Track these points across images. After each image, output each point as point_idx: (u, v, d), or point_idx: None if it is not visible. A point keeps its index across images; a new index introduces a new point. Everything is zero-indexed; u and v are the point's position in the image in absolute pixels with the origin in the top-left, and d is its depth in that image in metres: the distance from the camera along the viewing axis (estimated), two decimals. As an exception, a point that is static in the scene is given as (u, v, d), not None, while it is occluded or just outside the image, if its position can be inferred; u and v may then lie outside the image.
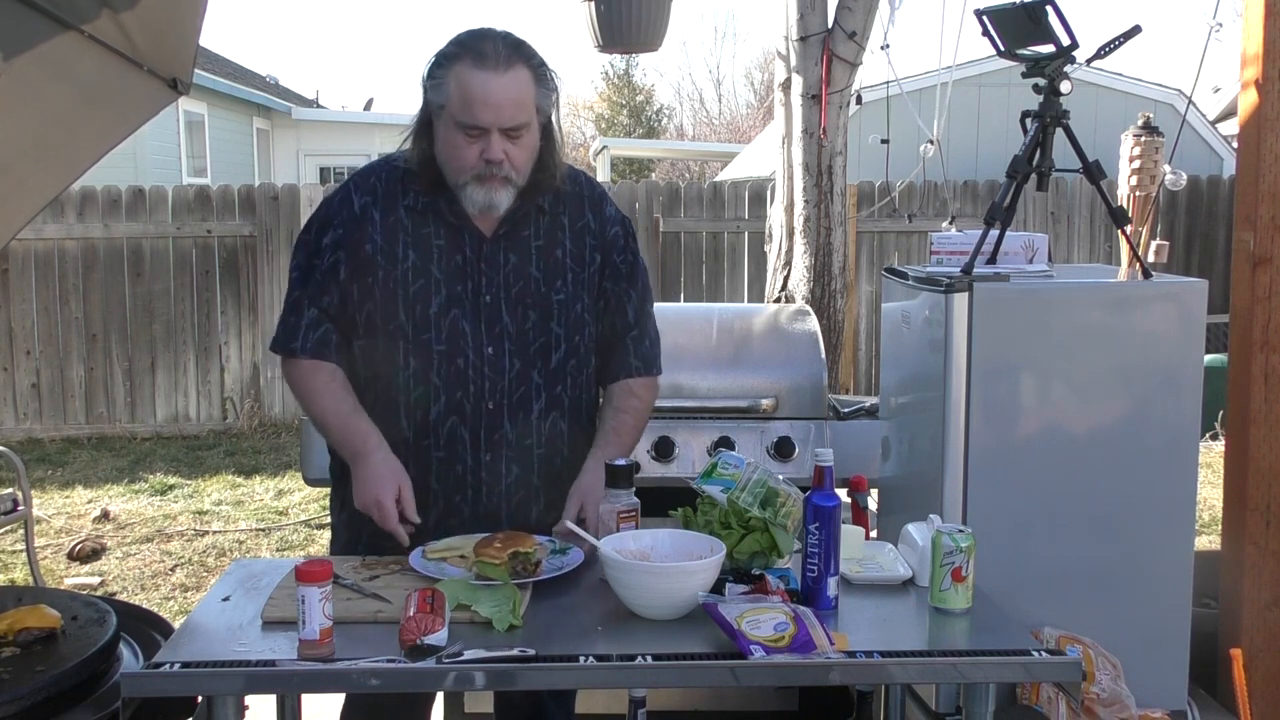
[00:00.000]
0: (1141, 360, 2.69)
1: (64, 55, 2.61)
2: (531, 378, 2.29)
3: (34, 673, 1.98)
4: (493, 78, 2.12)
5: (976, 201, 8.40)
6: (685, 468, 3.14)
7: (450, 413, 2.26)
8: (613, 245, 2.36)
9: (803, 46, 4.36)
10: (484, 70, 2.12)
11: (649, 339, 2.42)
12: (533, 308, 2.28)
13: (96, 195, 8.07)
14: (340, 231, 2.27)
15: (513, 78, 2.13)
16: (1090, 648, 2.56)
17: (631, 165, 25.70)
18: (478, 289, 2.26)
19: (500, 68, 2.12)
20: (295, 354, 2.28)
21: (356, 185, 2.32)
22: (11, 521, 4.07)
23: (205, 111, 14.01)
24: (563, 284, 2.30)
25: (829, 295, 4.44)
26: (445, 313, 2.25)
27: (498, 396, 2.27)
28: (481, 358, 2.25)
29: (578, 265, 2.32)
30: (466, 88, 2.12)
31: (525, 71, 2.16)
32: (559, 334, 2.30)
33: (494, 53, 2.13)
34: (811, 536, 1.97)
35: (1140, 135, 3.74)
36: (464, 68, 2.13)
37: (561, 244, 2.31)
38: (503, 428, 2.28)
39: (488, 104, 2.12)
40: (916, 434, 2.96)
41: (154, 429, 8.23)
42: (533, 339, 2.28)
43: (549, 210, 2.31)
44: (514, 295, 2.27)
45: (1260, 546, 2.95)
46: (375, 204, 2.27)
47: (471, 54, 2.13)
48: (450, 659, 1.74)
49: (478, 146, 2.15)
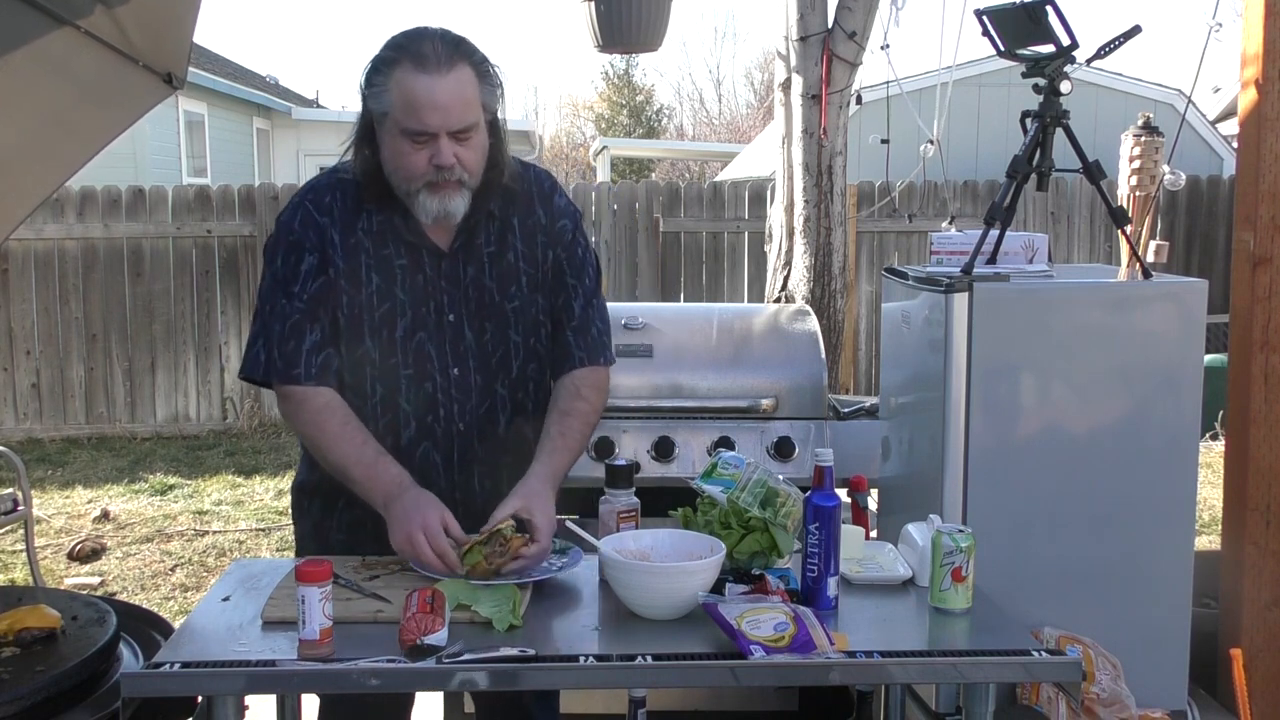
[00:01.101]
0: (1141, 360, 2.69)
1: (59, 51, 2.61)
2: (495, 391, 2.24)
3: (34, 673, 1.98)
4: (437, 80, 2.03)
5: (976, 201, 8.40)
6: (685, 468, 3.14)
7: (422, 437, 2.22)
8: (559, 239, 2.28)
9: (803, 46, 4.36)
10: (426, 73, 2.03)
11: (595, 328, 2.31)
12: (489, 319, 2.22)
13: (96, 195, 8.07)
14: (316, 257, 2.17)
15: (456, 78, 2.05)
16: (1090, 648, 2.56)
17: (631, 165, 25.71)
18: (440, 308, 2.20)
19: (443, 68, 2.03)
20: (299, 381, 2.15)
21: (315, 205, 2.20)
22: (11, 521, 4.07)
23: (205, 111, 14.01)
24: (516, 289, 2.24)
25: (829, 295, 4.44)
26: (411, 336, 2.19)
27: (467, 418, 2.22)
28: (449, 379, 2.21)
29: (530, 266, 2.25)
30: (410, 92, 2.03)
31: (468, 70, 2.07)
32: (517, 342, 2.25)
33: (434, 53, 2.04)
34: (811, 536, 1.97)
35: (1140, 135, 3.75)
36: (405, 72, 2.04)
37: (513, 247, 2.24)
38: (474, 447, 2.24)
39: (434, 107, 2.03)
40: (916, 434, 2.96)
41: (154, 429, 8.23)
42: (492, 350, 2.23)
43: (499, 214, 2.23)
44: (473, 310, 2.21)
45: (1260, 546, 2.95)
46: (334, 225, 2.18)
47: (411, 57, 2.04)
48: (450, 659, 1.74)
49: (426, 152, 2.06)
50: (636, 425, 3.20)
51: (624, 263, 8.44)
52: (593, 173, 21.61)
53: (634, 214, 8.45)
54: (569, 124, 33.65)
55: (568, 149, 30.84)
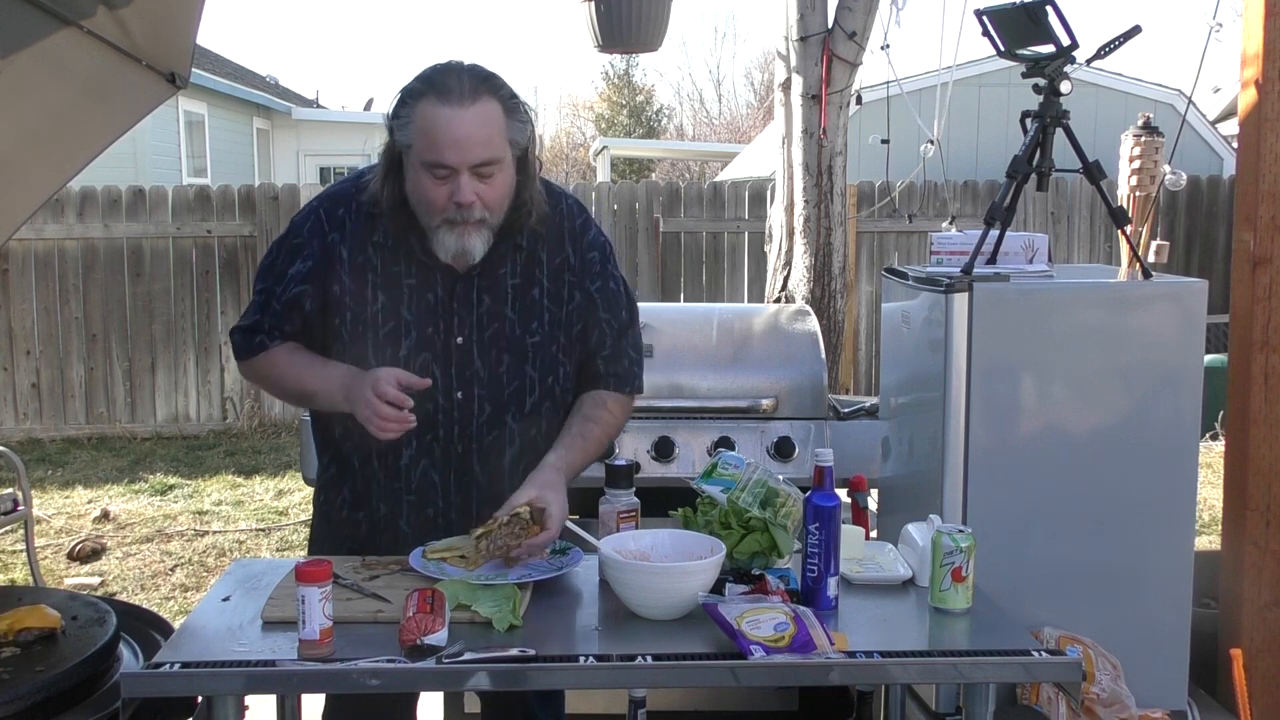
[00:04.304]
0: (1141, 360, 2.69)
1: (62, 51, 2.61)
2: (505, 422, 2.22)
3: (34, 673, 1.98)
4: (458, 113, 2.00)
5: (976, 201, 8.40)
6: (685, 468, 3.14)
7: (421, 456, 2.21)
8: (587, 271, 2.25)
9: (803, 46, 4.36)
10: (448, 106, 2.00)
11: (628, 358, 2.30)
12: (507, 350, 2.19)
13: (96, 195, 8.07)
14: (309, 264, 2.18)
15: (479, 112, 2.01)
16: (1090, 648, 2.56)
17: (631, 165, 25.71)
18: (449, 330, 2.18)
19: (466, 102, 2.00)
20: (265, 347, 2.23)
21: (328, 215, 2.21)
22: (11, 521, 4.07)
23: (205, 111, 14.01)
24: (539, 325, 2.21)
25: (829, 295, 4.44)
26: (415, 355, 2.17)
27: (467, 441, 2.21)
28: (451, 402, 2.18)
29: (555, 304, 2.22)
30: (431, 125, 2.01)
31: (494, 104, 2.04)
32: (533, 377, 2.22)
33: (458, 87, 2.01)
34: (811, 536, 1.97)
35: (1140, 135, 3.74)
36: (427, 105, 2.01)
37: (539, 283, 2.21)
38: (473, 470, 2.22)
39: (454, 142, 2.00)
40: (916, 434, 2.96)
41: (154, 429, 8.23)
42: (507, 382, 2.20)
43: (526, 246, 2.20)
44: (488, 338, 2.18)
45: (1260, 546, 2.95)
46: (343, 240, 2.18)
47: (435, 90, 2.02)
48: (450, 659, 1.74)
49: (446, 188, 2.03)
50: (636, 425, 3.20)
51: (624, 263, 8.43)
52: (593, 173, 21.61)
53: (634, 214, 8.45)
54: (569, 124, 33.67)
55: (568, 149, 30.83)
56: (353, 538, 2.29)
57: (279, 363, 2.24)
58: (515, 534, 2.00)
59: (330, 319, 2.19)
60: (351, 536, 2.29)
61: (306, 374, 2.22)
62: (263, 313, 2.23)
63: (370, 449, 2.19)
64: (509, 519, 2.01)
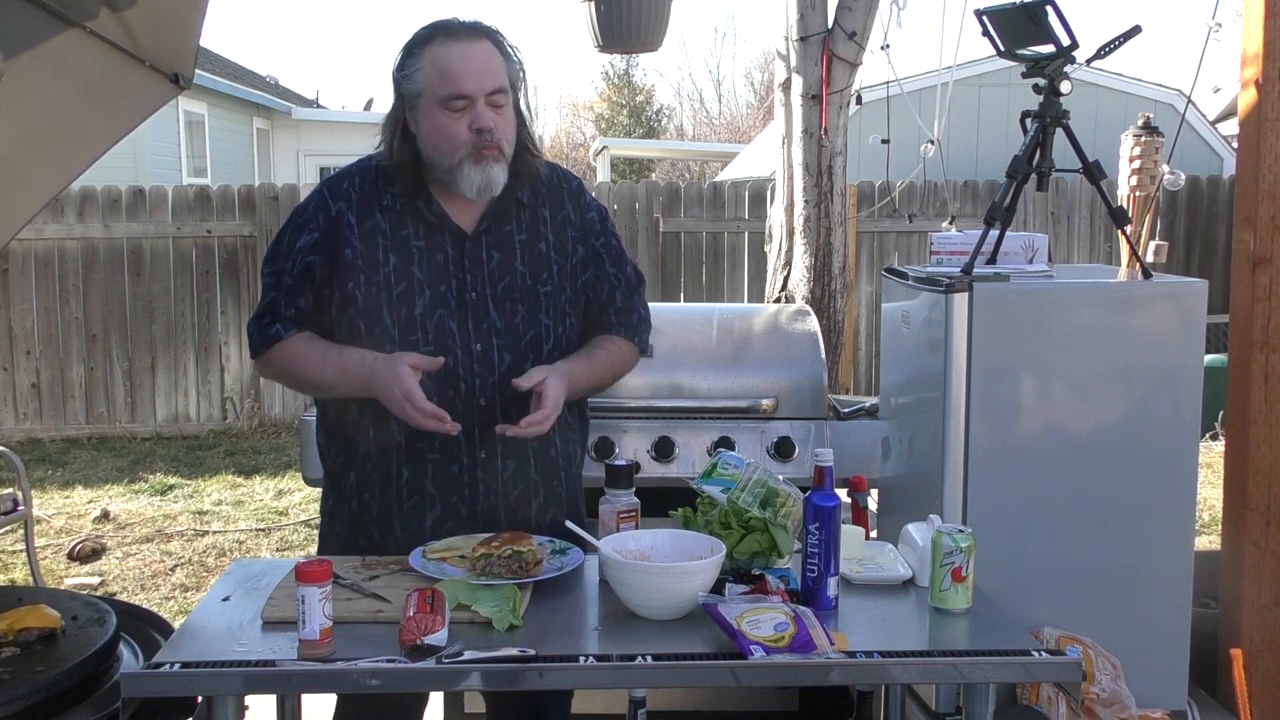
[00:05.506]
0: (1141, 360, 2.69)
1: (66, 52, 2.61)
2: (525, 371, 2.26)
3: (34, 673, 1.98)
4: (468, 46, 2.17)
5: (976, 201, 8.40)
6: (685, 468, 3.14)
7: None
8: (590, 230, 2.37)
9: (803, 46, 4.36)
10: (458, 42, 2.17)
11: (637, 314, 2.42)
12: (521, 301, 2.27)
13: (96, 195, 8.08)
14: (316, 235, 2.25)
15: (485, 46, 2.19)
16: (1090, 648, 2.56)
17: (631, 165, 25.70)
18: (462, 286, 2.25)
19: (472, 37, 2.18)
20: (280, 338, 2.26)
21: (330, 190, 2.30)
22: (11, 521, 4.07)
23: (205, 111, 14.00)
24: (548, 276, 2.30)
25: (829, 295, 4.44)
26: (431, 313, 2.23)
27: (489, 393, 2.25)
28: (470, 355, 2.24)
29: (561, 257, 2.33)
30: (445, 62, 2.16)
31: (491, 43, 2.21)
32: (548, 325, 2.30)
33: (461, 27, 2.20)
34: (811, 536, 1.97)
35: (1140, 135, 3.75)
36: (437, 46, 2.17)
37: (544, 237, 2.32)
38: (496, 423, 2.24)
39: (470, 72, 2.15)
40: (916, 434, 2.96)
41: (154, 429, 8.23)
42: (523, 332, 2.27)
43: (528, 204, 2.31)
44: (500, 291, 2.26)
45: (1260, 546, 2.95)
46: (350, 209, 2.26)
47: (441, 32, 2.19)
48: (450, 659, 1.74)
49: (466, 118, 2.16)
50: (636, 425, 3.20)
51: (624, 263, 8.43)
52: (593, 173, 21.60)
53: (634, 214, 8.45)
54: (569, 124, 33.67)
55: (568, 149, 30.82)
56: (368, 513, 2.29)
57: (294, 354, 2.28)
58: (512, 570, 2.00)
59: (344, 282, 2.24)
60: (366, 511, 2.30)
61: (324, 364, 2.25)
62: (276, 292, 2.27)
63: (390, 418, 2.21)
64: (510, 554, 2.01)
